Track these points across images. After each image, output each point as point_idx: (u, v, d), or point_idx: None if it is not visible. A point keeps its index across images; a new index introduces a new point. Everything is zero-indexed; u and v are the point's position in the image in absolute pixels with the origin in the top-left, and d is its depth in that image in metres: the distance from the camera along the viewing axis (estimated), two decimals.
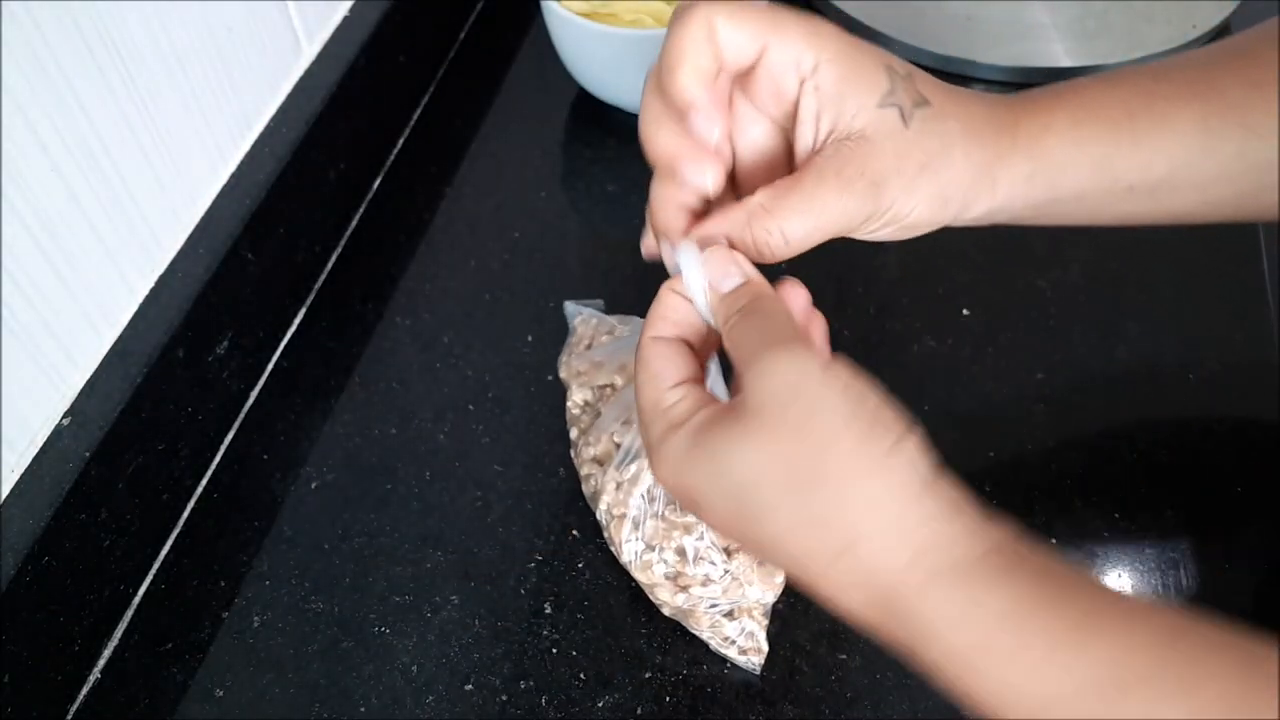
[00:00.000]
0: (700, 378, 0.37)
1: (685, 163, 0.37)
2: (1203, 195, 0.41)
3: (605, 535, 0.48)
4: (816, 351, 0.34)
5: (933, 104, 0.37)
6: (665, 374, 0.36)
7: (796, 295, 0.37)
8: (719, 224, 0.37)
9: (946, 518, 0.32)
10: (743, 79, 0.38)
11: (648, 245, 0.41)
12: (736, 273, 0.36)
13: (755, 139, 0.40)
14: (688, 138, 0.37)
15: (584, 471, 0.50)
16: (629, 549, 0.46)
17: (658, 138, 0.38)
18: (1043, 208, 0.40)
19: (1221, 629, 0.29)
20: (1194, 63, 0.41)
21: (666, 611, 0.47)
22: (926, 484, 0.32)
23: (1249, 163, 0.40)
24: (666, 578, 0.46)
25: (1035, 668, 0.30)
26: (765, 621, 0.46)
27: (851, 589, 0.32)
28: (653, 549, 0.46)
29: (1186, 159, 0.40)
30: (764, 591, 0.46)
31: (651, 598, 0.47)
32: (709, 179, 0.37)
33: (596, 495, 0.48)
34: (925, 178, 0.37)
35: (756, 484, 0.32)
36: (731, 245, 0.37)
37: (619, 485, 0.47)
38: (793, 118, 0.38)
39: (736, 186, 0.40)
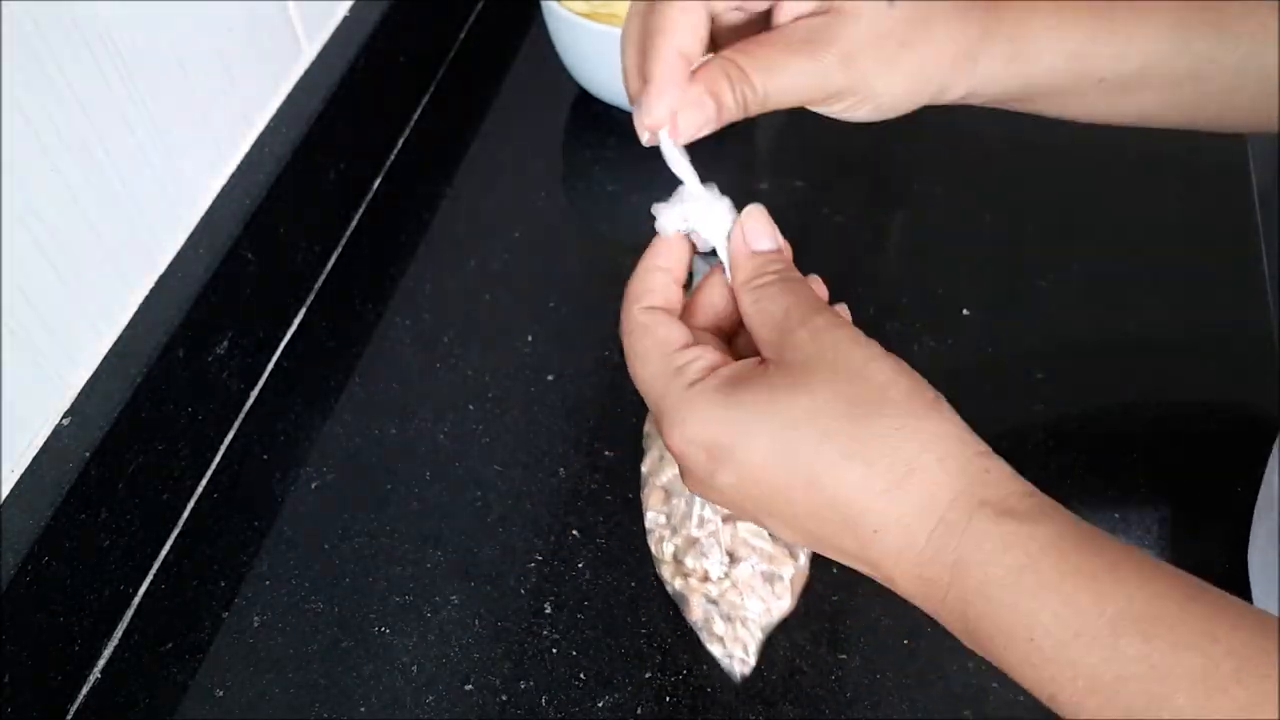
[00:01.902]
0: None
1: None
2: (1173, 95, 0.42)
3: (641, 494, 0.48)
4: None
5: None
6: (671, 339, 0.36)
7: (819, 285, 0.38)
8: (702, 78, 0.37)
9: (993, 458, 0.33)
10: None
11: (653, 123, 0.38)
12: (773, 235, 0.37)
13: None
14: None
15: (646, 427, 0.50)
16: (650, 517, 0.47)
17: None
18: (1017, 94, 0.41)
19: (1230, 596, 0.30)
20: None
21: (668, 590, 0.47)
22: (970, 431, 0.33)
23: (1219, 65, 0.41)
24: (674, 558, 0.46)
25: (1071, 598, 0.30)
26: (761, 638, 0.46)
27: (895, 523, 0.32)
28: (670, 526, 0.46)
29: (1159, 54, 0.40)
30: (764, 609, 0.46)
31: (656, 570, 0.47)
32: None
33: (645, 451, 0.48)
34: (905, 55, 0.38)
35: (810, 420, 0.33)
36: (711, 95, 0.37)
37: (663, 456, 0.47)
38: None
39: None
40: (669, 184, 0.38)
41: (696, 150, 0.39)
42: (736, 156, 0.69)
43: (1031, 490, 0.33)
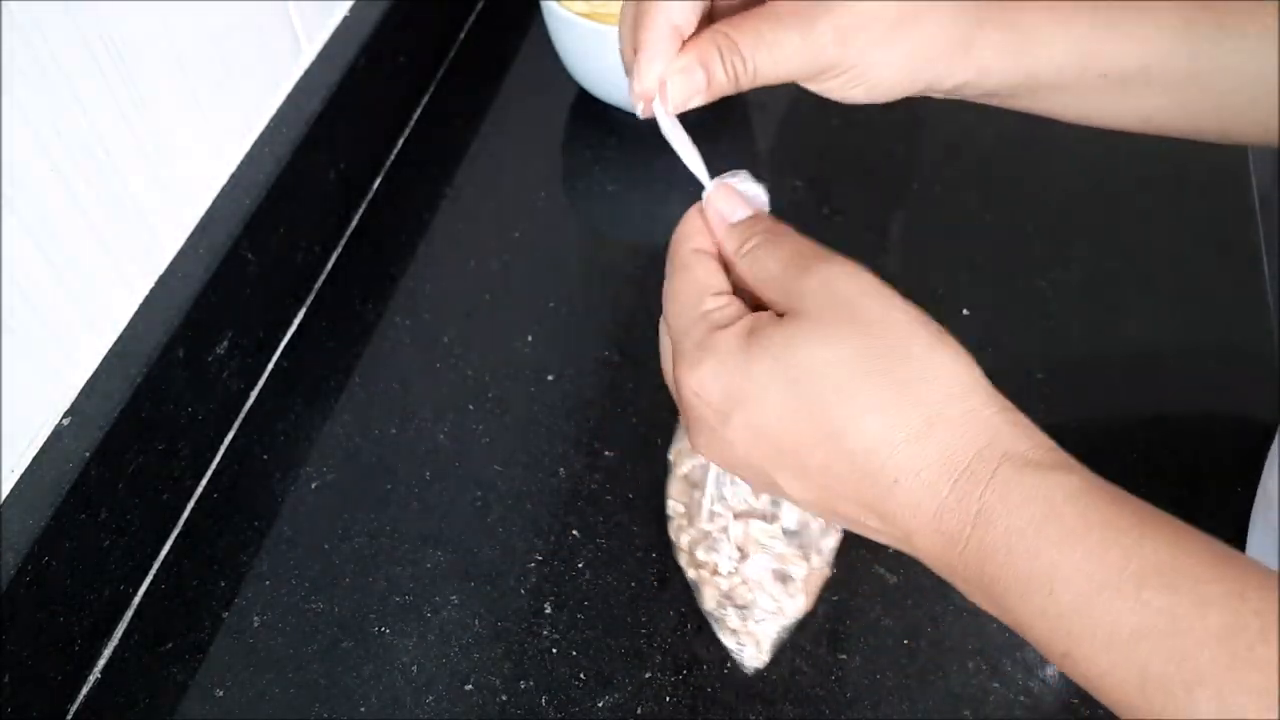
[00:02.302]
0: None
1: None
2: (1175, 97, 0.41)
3: (666, 480, 0.48)
4: None
5: None
6: (711, 282, 0.36)
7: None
8: (692, 48, 0.37)
9: (1016, 412, 0.33)
10: None
11: (642, 90, 0.38)
12: (743, 204, 0.38)
13: None
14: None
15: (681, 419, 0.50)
16: (671, 505, 0.46)
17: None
18: (1016, 87, 0.40)
19: (1257, 562, 0.29)
20: None
21: (686, 577, 0.46)
22: (991, 386, 0.33)
23: (1222, 66, 0.40)
24: (689, 549, 0.46)
25: (1095, 549, 0.29)
26: (776, 635, 0.45)
27: (915, 474, 0.32)
28: (688, 516, 0.46)
29: (1162, 51, 0.40)
30: (776, 607, 0.45)
31: (675, 557, 0.47)
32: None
33: (674, 439, 0.48)
34: (899, 35, 0.37)
35: (830, 371, 0.32)
36: (701, 64, 0.37)
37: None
38: None
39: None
40: (669, 184, 0.38)
41: (697, 148, 0.39)
42: (736, 156, 0.69)
43: (1054, 446, 0.32)
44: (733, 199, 0.38)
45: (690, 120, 0.38)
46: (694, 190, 0.39)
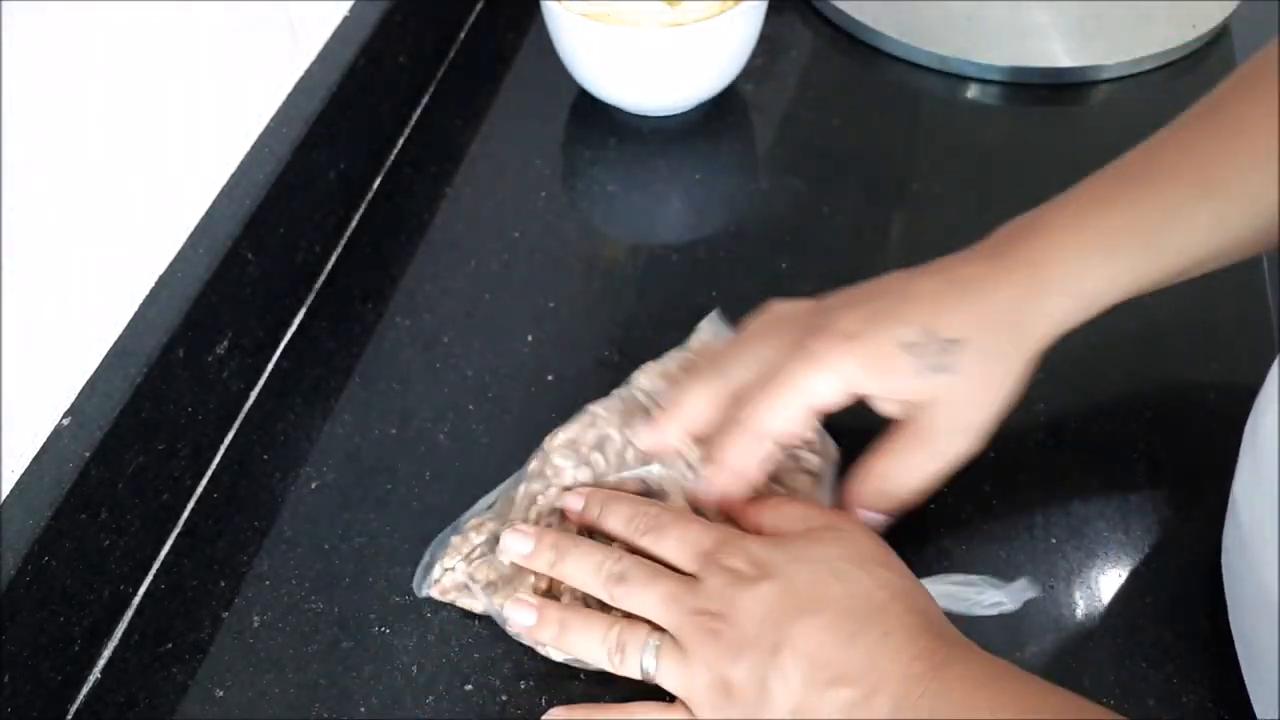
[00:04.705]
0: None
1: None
2: (1224, 261, 0.46)
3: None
4: None
5: (960, 333, 0.43)
6: None
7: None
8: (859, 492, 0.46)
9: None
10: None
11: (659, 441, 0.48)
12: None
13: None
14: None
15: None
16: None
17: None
18: (1087, 317, 0.45)
19: None
20: (1196, 145, 0.45)
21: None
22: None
23: (1260, 225, 0.44)
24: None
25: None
26: None
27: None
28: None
29: (1207, 249, 0.44)
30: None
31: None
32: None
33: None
34: (993, 395, 0.44)
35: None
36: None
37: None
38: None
39: None
40: (669, 184, 0.38)
41: (697, 148, 0.39)
42: (737, 156, 0.69)
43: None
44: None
45: (691, 120, 0.38)
46: (693, 190, 0.39)
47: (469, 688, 0.45)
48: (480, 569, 0.47)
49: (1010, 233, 0.46)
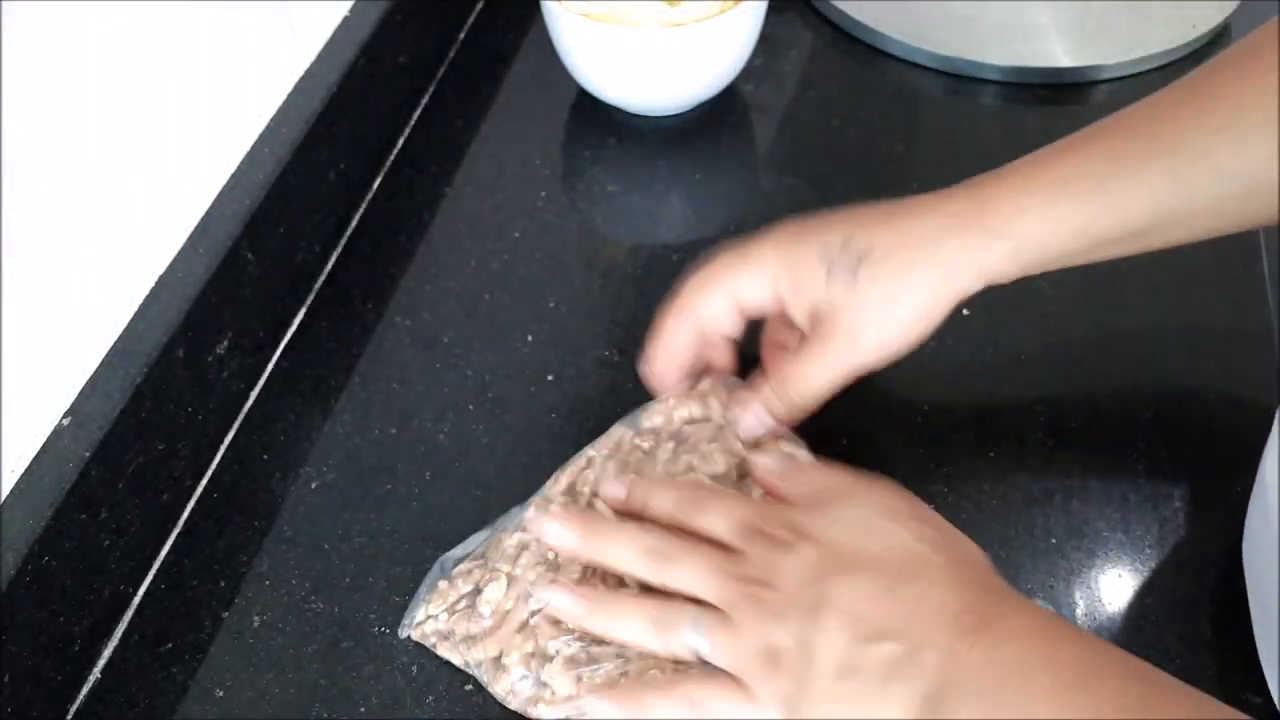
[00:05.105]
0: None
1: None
2: (1187, 228, 0.45)
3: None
4: None
5: (877, 248, 0.45)
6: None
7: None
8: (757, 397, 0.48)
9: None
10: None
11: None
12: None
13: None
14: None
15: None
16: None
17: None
18: (1031, 269, 0.46)
19: None
20: (1159, 113, 0.45)
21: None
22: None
23: (1224, 193, 0.43)
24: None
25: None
26: None
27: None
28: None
29: (1162, 207, 0.43)
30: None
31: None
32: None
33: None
34: (890, 310, 0.45)
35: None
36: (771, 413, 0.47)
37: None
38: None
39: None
40: (669, 184, 0.38)
41: (697, 148, 0.39)
42: (737, 156, 0.69)
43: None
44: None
45: (691, 120, 0.38)
46: (693, 190, 0.39)
47: (469, 688, 0.45)
48: (460, 622, 0.45)
49: (970, 179, 0.47)
